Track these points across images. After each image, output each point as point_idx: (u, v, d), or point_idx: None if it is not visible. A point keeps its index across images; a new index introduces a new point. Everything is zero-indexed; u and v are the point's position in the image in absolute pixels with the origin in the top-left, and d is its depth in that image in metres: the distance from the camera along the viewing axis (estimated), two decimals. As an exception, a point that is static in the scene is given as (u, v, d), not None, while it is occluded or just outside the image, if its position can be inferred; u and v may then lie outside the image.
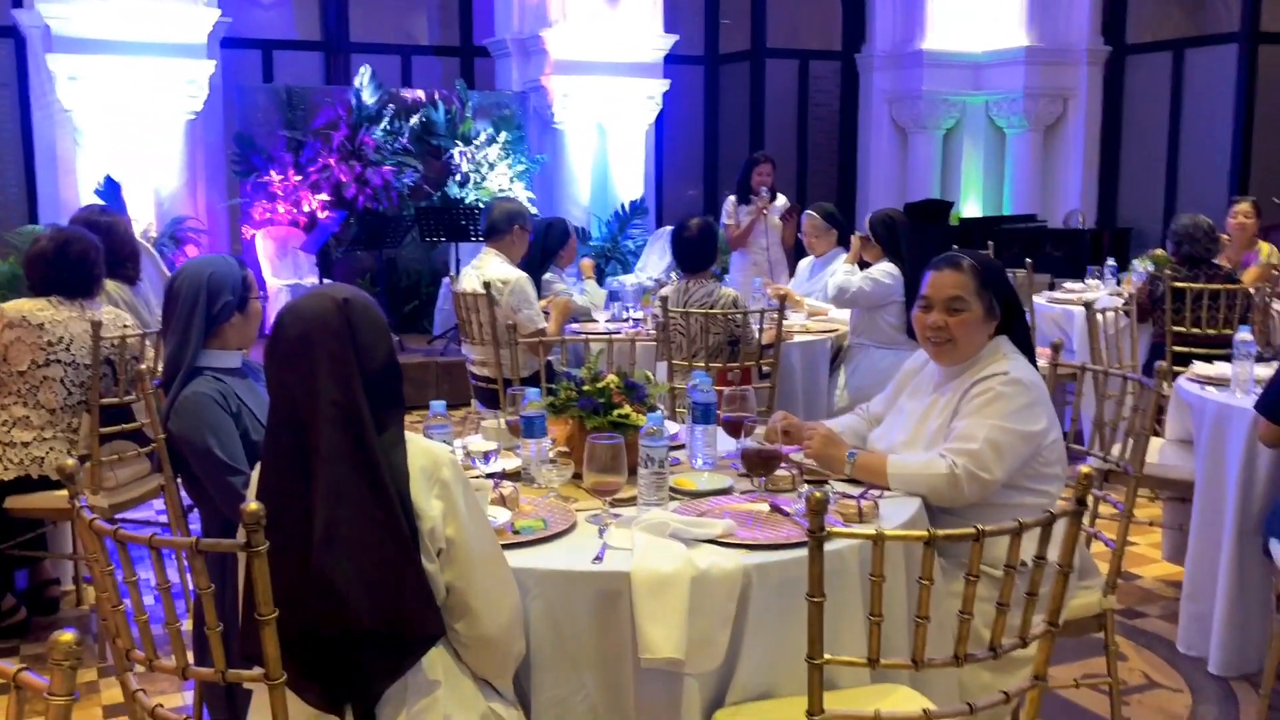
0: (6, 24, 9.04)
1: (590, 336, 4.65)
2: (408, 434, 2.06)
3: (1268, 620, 3.54)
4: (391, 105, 9.39)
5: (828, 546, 1.74)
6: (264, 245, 9.02)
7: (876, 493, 2.56)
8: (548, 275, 5.74)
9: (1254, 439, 3.42)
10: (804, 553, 2.03)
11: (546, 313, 5.28)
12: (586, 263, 6.01)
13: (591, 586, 2.19)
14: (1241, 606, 3.59)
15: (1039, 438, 2.66)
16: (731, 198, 7.43)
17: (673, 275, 5.08)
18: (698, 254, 4.96)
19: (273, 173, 9.00)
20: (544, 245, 5.71)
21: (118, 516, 4.07)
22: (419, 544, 1.96)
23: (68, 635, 1.33)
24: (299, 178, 9.04)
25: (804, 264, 6.27)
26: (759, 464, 2.58)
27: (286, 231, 9.11)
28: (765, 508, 2.50)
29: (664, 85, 10.15)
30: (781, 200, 7.49)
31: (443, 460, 2.03)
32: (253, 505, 1.74)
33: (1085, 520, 3.18)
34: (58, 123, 8.47)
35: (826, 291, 5.48)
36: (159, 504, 4.54)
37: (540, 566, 2.21)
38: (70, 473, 1.98)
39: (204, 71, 8.56)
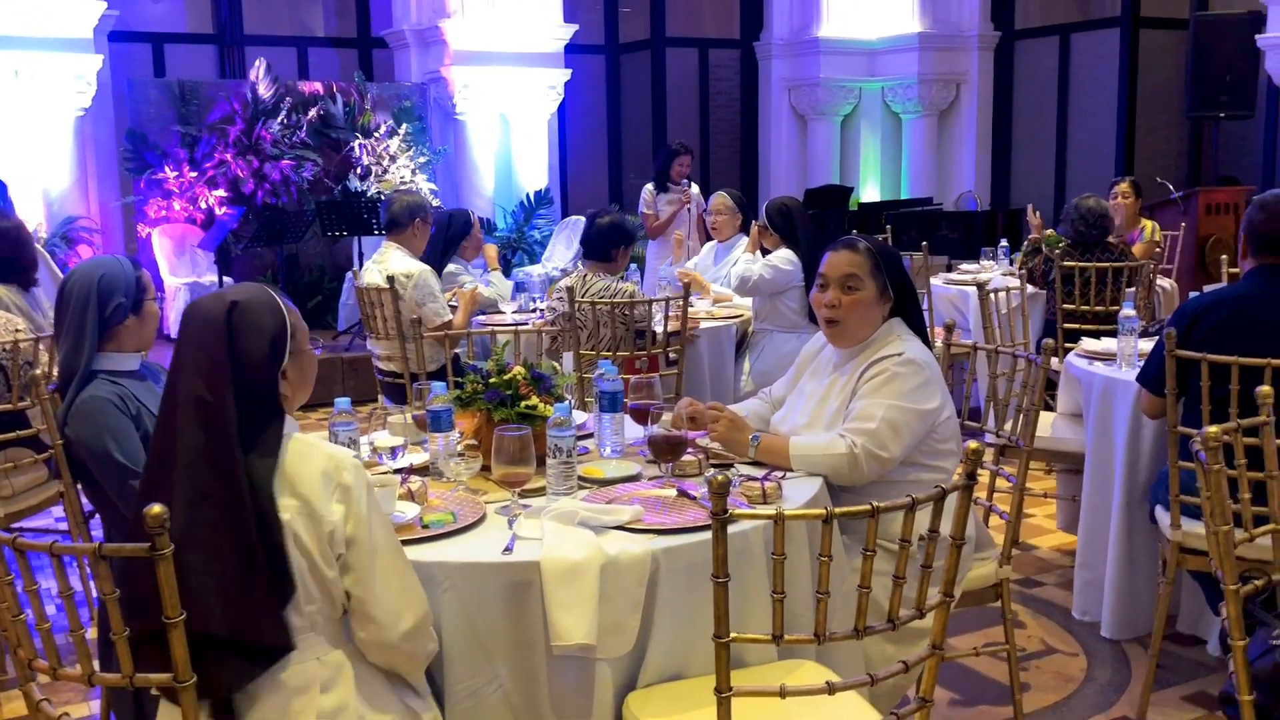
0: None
1: (497, 328, 4.66)
2: (308, 438, 2.06)
3: (1155, 584, 3.71)
4: (289, 98, 9.24)
5: (732, 528, 1.79)
6: (160, 244, 8.82)
7: (780, 474, 2.63)
8: (452, 267, 5.70)
9: (1139, 411, 3.57)
10: (709, 535, 2.08)
11: (453, 306, 5.27)
12: (490, 249, 5.96)
13: (502, 577, 2.21)
14: (1130, 571, 3.75)
15: (933, 415, 2.75)
16: (649, 186, 7.49)
17: (579, 265, 5.09)
18: (602, 244, 4.97)
19: (167, 169, 8.79)
20: (446, 237, 5.66)
21: (14, 526, 3.97)
22: (282, 555, 1.94)
23: (157, 508, 1.32)
24: (194, 174, 8.85)
25: (707, 248, 6.34)
26: (666, 450, 2.62)
27: (183, 229, 8.91)
28: (672, 493, 2.55)
29: (565, 75, 10.15)
30: (695, 188, 7.58)
31: (344, 464, 2.02)
32: (155, 508, 1.73)
33: (982, 494, 3.30)
34: (-64, 121, 8.18)
35: (730, 280, 5.57)
36: (58, 511, 4.43)
37: (451, 559, 2.22)
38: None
39: (92, 66, 8.34)
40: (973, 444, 1.91)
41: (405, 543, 2.28)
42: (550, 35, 10.00)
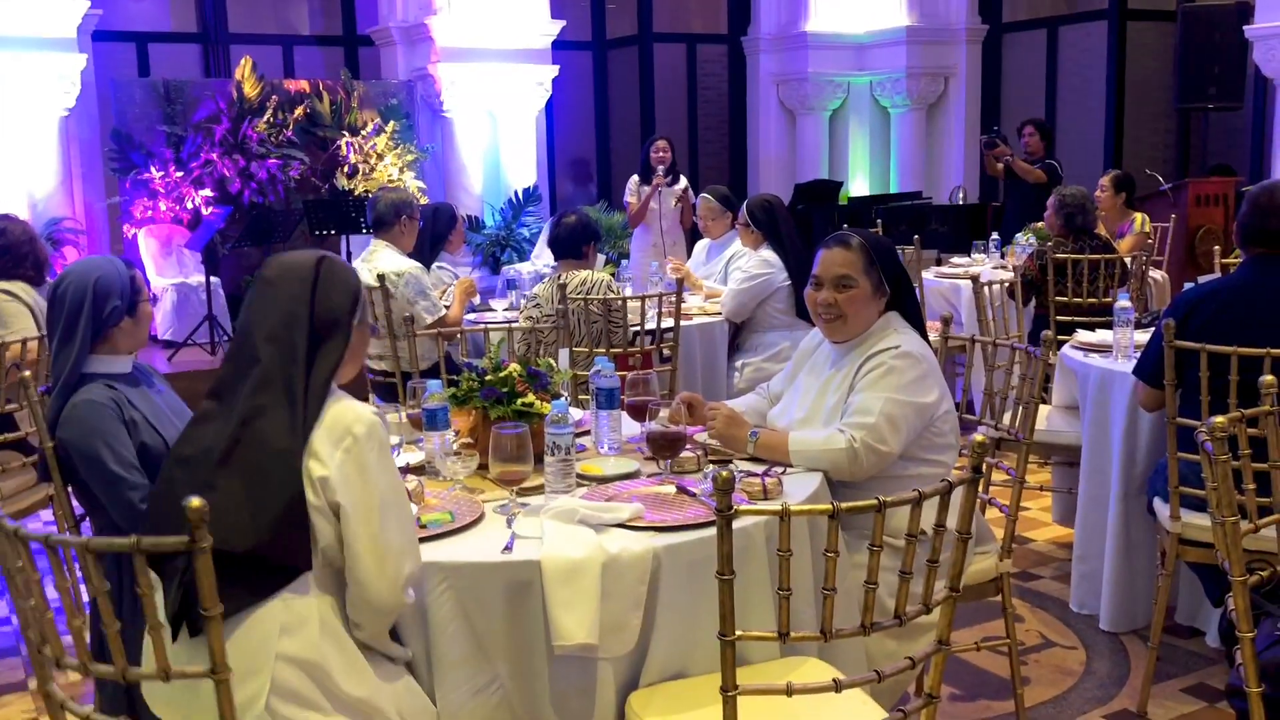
0: None
1: (490, 326, 4.63)
2: (343, 394, 2.14)
3: (1153, 576, 3.70)
4: (275, 97, 9.18)
5: (735, 525, 1.77)
6: (147, 244, 8.75)
7: (780, 470, 2.60)
8: (438, 268, 5.67)
9: (1135, 403, 3.56)
10: (712, 532, 2.05)
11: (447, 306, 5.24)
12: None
13: (502, 577, 2.18)
14: (1128, 564, 3.74)
15: (932, 409, 2.74)
16: (635, 177, 7.53)
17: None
18: (571, 242, 4.95)
19: (153, 169, 8.72)
20: (433, 232, 5.63)
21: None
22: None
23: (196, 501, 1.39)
24: (180, 173, 8.78)
25: (700, 246, 6.31)
26: (664, 446, 2.60)
27: (170, 229, 8.85)
28: (672, 490, 2.53)
29: (553, 71, 10.11)
30: (682, 183, 7.57)
31: (361, 418, 2.07)
32: (195, 502, 1.69)
33: (980, 487, 3.28)
34: (-80, 122, 8.10)
35: (723, 277, 5.58)
36: (47, 515, 4.38)
37: (449, 559, 2.19)
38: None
39: (75, 66, 8.27)
40: (979, 436, 1.89)
41: (403, 543, 2.26)
42: (537, 31, 9.96)
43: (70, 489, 2.75)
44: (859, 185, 11.75)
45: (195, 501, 1.65)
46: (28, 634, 2.02)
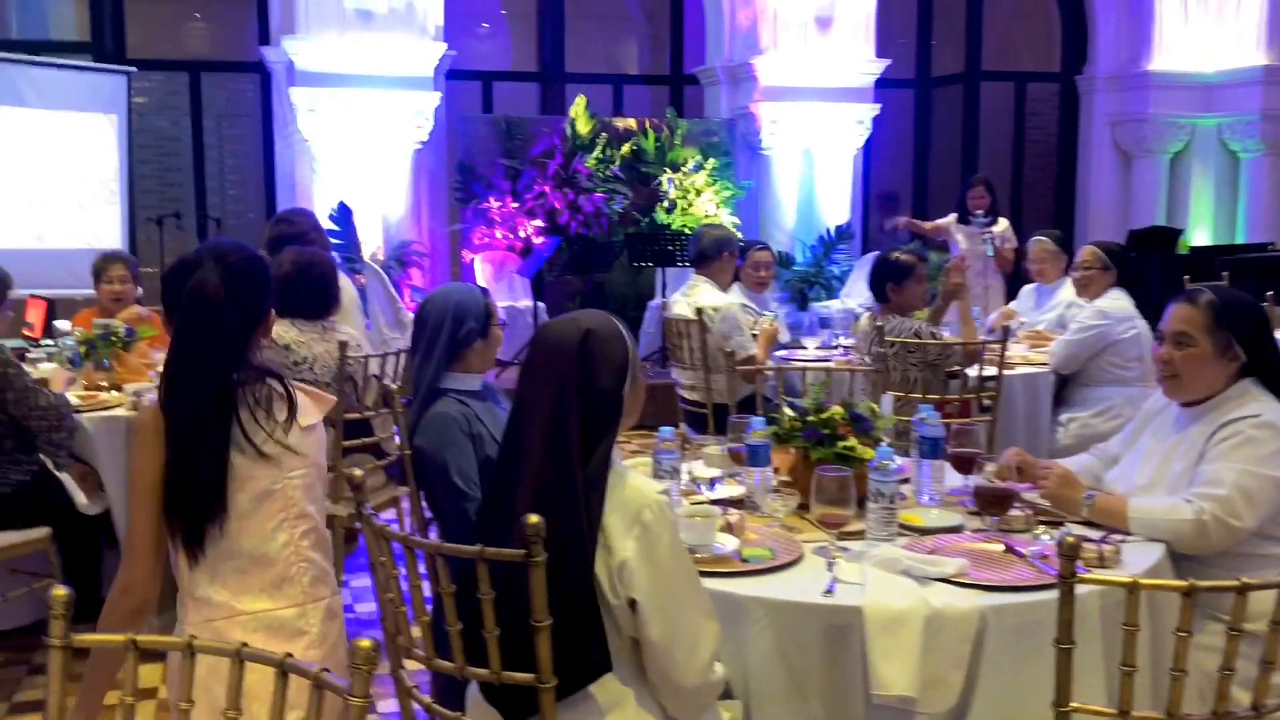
0: (254, 60, 9.73)
1: (804, 365, 4.65)
2: (621, 467, 2.09)
3: None
4: (604, 134, 9.62)
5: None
6: (482, 269, 9.38)
7: (1118, 537, 2.47)
8: (741, 303, 5.75)
9: None
10: (1042, 596, 1.98)
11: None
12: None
13: (822, 619, 2.19)
14: None
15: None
16: (952, 216, 7.40)
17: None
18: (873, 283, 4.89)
19: (491, 200, 9.36)
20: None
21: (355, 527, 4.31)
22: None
23: (367, 642, 1.44)
24: (515, 204, 9.37)
25: (1026, 291, 6.05)
26: (993, 503, 2.52)
27: (503, 256, 9.44)
28: (999, 548, 2.45)
29: (874, 110, 10.04)
30: (1002, 225, 7.35)
31: (648, 502, 2.01)
32: (534, 518, 1.84)
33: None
34: (297, 152, 9.04)
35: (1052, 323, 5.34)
36: (389, 515, 4.77)
37: (769, 596, 2.22)
38: (358, 483, 2.15)
39: (430, 103, 8.99)
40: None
41: (723, 575, 2.31)
42: (860, 70, 9.93)
43: (423, 493, 2.99)
44: (1200, 234, 10.93)
45: (533, 518, 1.76)
46: (385, 624, 2.23)
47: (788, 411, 2.86)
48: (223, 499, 2.11)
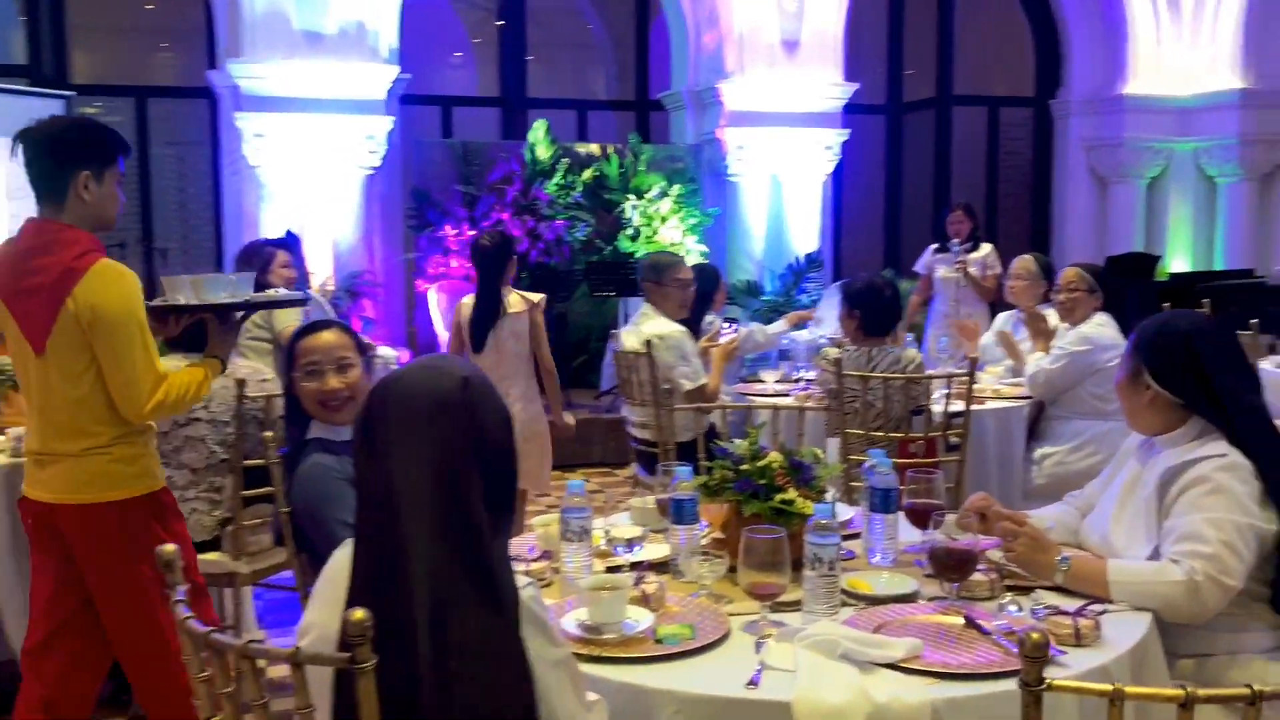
0: (201, 85, 9.38)
1: (756, 403, 4.29)
2: None
3: None
4: (565, 159, 9.30)
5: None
6: (437, 299, 9.01)
7: (1097, 608, 2.11)
8: (709, 317, 5.62)
9: None
10: (1009, 685, 1.64)
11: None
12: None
13: (743, 716, 1.82)
14: None
15: (1267, 530, 2.27)
16: (932, 246, 7.14)
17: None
18: (888, 314, 4.50)
19: (447, 227, 8.99)
20: (700, 291, 5.40)
21: (262, 583, 3.93)
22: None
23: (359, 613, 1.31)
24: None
25: (1003, 318, 5.66)
26: (950, 567, 2.16)
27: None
28: (959, 621, 2.08)
29: (843, 135, 9.75)
30: (985, 250, 7.06)
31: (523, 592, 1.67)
32: (358, 614, 1.46)
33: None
34: (245, 179, 8.67)
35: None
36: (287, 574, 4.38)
37: (684, 689, 1.85)
38: (166, 559, 1.79)
39: (383, 127, 8.65)
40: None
41: (630, 661, 1.94)
42: (828, 95, 9.64)
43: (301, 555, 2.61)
44: (1178, 261, 10.68)
45: (358, 614, 1.40)
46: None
47: (718, 460, 2.49)
48: None
